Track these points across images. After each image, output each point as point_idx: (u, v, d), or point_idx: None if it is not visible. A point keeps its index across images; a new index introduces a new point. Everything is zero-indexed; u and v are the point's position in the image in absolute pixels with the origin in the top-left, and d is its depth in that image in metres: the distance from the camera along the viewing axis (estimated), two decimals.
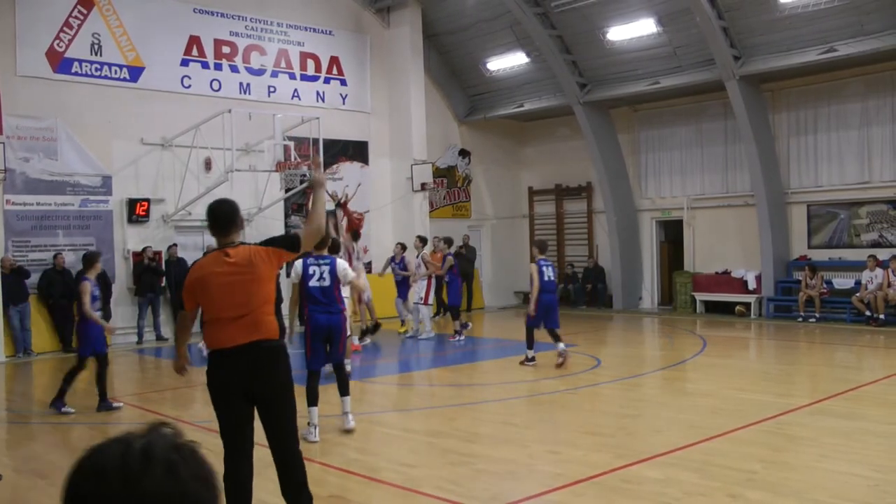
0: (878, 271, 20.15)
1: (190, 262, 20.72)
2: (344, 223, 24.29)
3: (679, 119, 25.27)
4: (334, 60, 24.66)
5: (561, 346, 14.24)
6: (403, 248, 20.82)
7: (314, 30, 24.22)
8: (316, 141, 21.02)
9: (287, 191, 22.02)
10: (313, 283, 9.98)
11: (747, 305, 23.07)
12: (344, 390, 10.04)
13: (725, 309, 23.41)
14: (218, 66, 22.19)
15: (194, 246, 21.19)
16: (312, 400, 9.57)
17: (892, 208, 21.42)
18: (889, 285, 19.89)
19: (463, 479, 7.99)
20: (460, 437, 9.59)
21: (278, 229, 22.87)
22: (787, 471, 8.11)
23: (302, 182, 21.51)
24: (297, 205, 23.47)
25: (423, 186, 24.93)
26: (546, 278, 14.52)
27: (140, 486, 1.58)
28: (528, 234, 29.39)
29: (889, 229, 21.44)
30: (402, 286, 20.64)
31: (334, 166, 23.80)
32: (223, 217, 6.21)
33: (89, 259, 12.06)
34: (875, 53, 20.00)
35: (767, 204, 22.39)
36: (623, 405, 11.07)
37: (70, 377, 11.59)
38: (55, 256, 18.80)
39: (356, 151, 24.95)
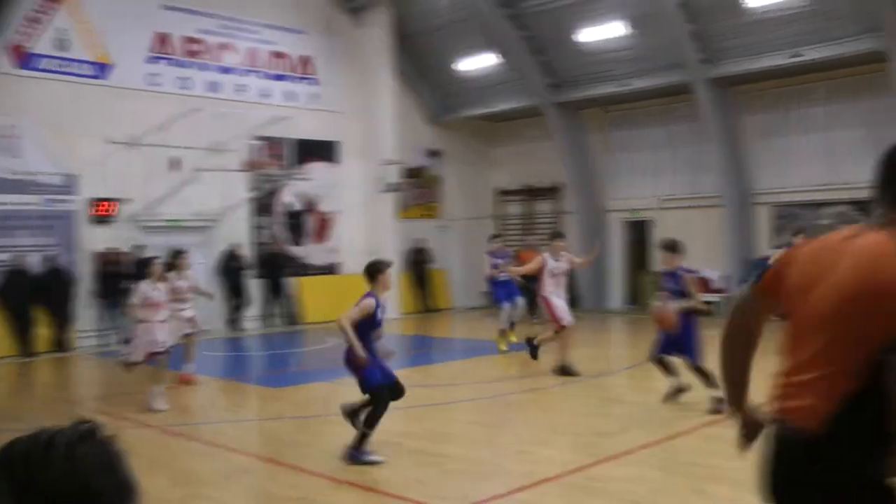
0: None
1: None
2: (314, 225, 24.28)
3: (650, 120, 25.37)
4: (305, 60, 24.52)
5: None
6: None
7: (285, 29, 24.05)
8: (286, 140, 20.91)
9: (255, 190, 21.93)
10: None
11: (713, 304, 23.18)
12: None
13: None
14: (187, 64, 21.91)
15: (161, 246, 20.75)
16: None
17: (854, 209, 21.62)
18: None
19: (431, 480, 7.96)
20: (429, 438, 9.56)
21: (246, 229, 22.76)
22: (752, 465, 8.13)
23: (271, 182, 21.44)
24: (265, 205, 23.28)
25: (393, 187, 24.85)
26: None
27: (38, 475, 1.59)
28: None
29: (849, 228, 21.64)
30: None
31: (304, 166, 23.62)
32: None
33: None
34: (840, 58, 20.24)
35: (733, 204, 22.62)
36: (591, 404, 11.07)
37: None
38: (18, 257, 18.36)
39: (326, 151, 24.80)
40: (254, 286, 22.48)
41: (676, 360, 10.86)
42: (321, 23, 24.95)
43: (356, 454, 8.31)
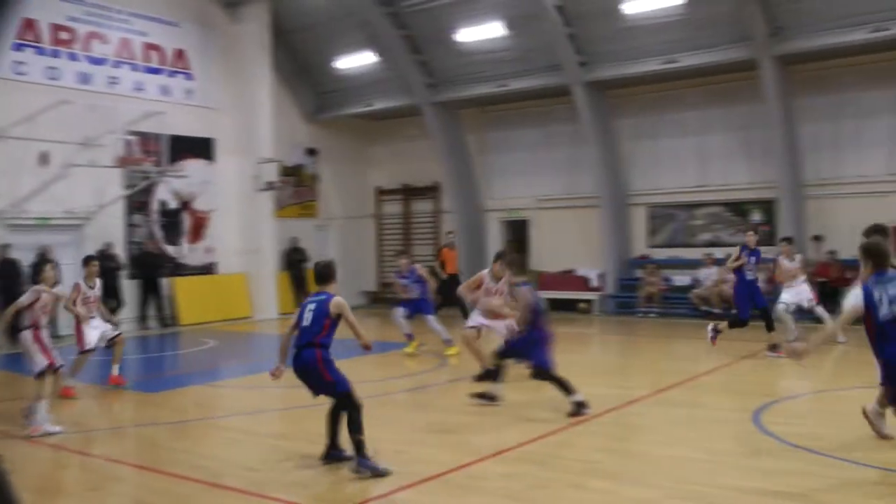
0: (714, 269, 21.32)
1: (25, 263, 19.76)
2: (188, 223, 23.82)
3: (526, 121, 25.70)
4: (180, 53, 24.02)
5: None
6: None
7: (159, 20, 23.48)
8: (160, 136, 20.44)
9: (129, 188, 21.39)
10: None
11: (590, 302, 23.65)
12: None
13: (569, 306, 23.91)
14: (55, 53, 21.10)
15: (29, 246, 19.76)
16: None
17: (726, 210, 22.39)
18: (724, 281, 20.82)
19: (309, 481, 7.90)
20: (307, 440, 9.47)
21: (119, 228, 22.20)
22: (629, 458, 8.36)
23: (145, 179, 20.92)
24: (139, 202, 22.74)
25: (270, 185, 24.58)
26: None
27: None
28: (374, 233, 29.40)
29: (724, 230, 22.49)
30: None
31: (179, 163, 23.11)
32: None
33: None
34: (713, 66, 21.04)
35: (610, 205, 23.10)
36: (469, 403, 11.13)
37: None
38: None
39: (201, 148, 24.36)
40: (128, 287, 21.92)
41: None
42: (196, 15, 24.48)
43: (365, 462, 7.95)
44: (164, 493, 7.69)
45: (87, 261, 12.39)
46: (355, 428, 8.10)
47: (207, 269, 24.43)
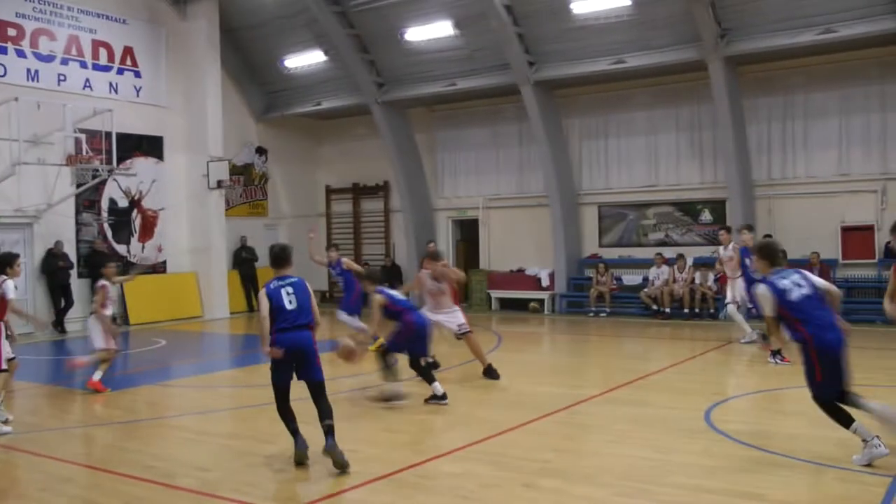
0: (665, 268, 21.52)
1: None
2: (139, 222, 23.65)
3: (475, 121, 25.76)
4: (128, 51, 23.79)
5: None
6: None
7: (107, 17, 23.25)
8: (109, 134, 20.25)
9: (78, 186, 21.18)
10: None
11: (541, 302, 23.77)
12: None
13: (520, 305, 24.03)
14: (3, 50, 20.88)
15: None
16: None
17: (677, 210, 22.59)
18: (674, 281, 21.10)
19: (261, 481, 7.89)
20: (257, 439, 9.47)
21: (70, 227, 21.99)
22: (579, 457, 8.43)
23: (94, 177, 20.73)
24: (88, 201, 22.54)
25: (220, 184, 24.45)
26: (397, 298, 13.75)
27: None
28: (325, 232, 29.34)
29: (674, 229, 22.65)
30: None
31: (128, 161, 22.83)
32: None
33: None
34: (661, 66, 21.20)
35: (560, 204, 23.18)
36: (419, 403, 11.16)
37: None
38: None
39: (151, 146, 24.19)
40: (77, 286, 21.71)
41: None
42: (144, 12, 24.27)
43: (336, 445, 8.09)
44: (116, 494, 7.63)
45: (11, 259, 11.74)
46: (330, 413, 8.26)
47: (157, 268, 24.22)
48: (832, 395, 7.80)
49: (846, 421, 7.75)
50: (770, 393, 11.44)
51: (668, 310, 21.14)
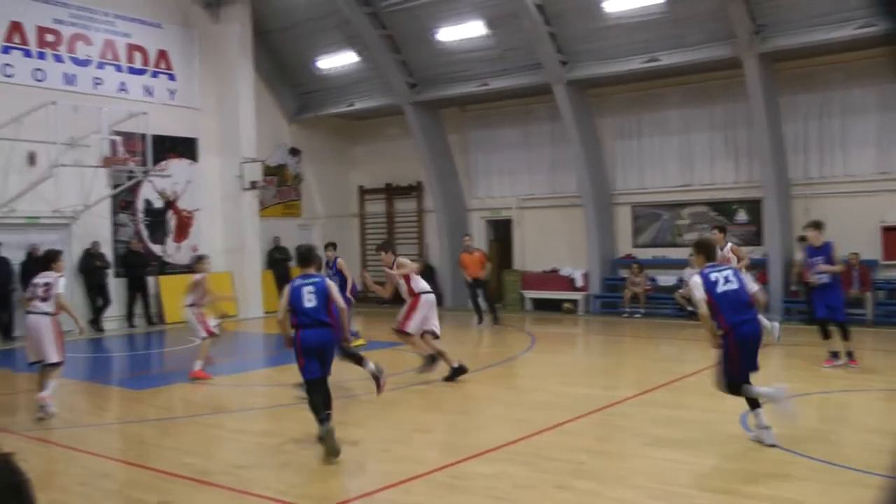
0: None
1: (15, 263, 19.83)
2: (174, 222, 23.83)
3: (507, 120, 25.71)
4: (162, 54, 24.02)
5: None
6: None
7: (141, 21, 23.50)
8: (144, 136, 20.42)
9: (115, 187, 21.39)
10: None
11: (575, 302, 23.67)
12: None
13: (553, 306, 23.95)
14: (41, 55, 21.19)
15: (18, 245, 20.19)
16: None
17: (712, 210, 22.37)
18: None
19: (295, 479, 7.92)
20: (292, 438, 9.50)
21: (106, 227, 22.23)
22: (613, 459, 8.37)
23: (130, 178, 20.89)
24: (124, 202, 22.76)
25: (253, 185, 24.60)
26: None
27: None
28: (358, 232, 29.40)
29: (709, 230, 22.28)
30: None
31: (163, 163, 23.14)
32: None
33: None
34: (694, 64, 20.95)
35: (594, 205, 23.06)
36: (453, 402, 11.16)
37: None
38: None
39: (185, 148, 24.40)
40: (114, 286, 21.99)
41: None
42: (178, 16, 24.48)
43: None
44: (153, 490, 7.70)
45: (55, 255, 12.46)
46: (330, 403, 8.81)
47: (192, 268, 24.34)
48: (740, 381, 8.71)
49: (752, 405, 8.75)
50: (808, 397, 11.30)
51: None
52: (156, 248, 23.60)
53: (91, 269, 21.21)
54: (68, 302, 11.59)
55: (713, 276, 8.94)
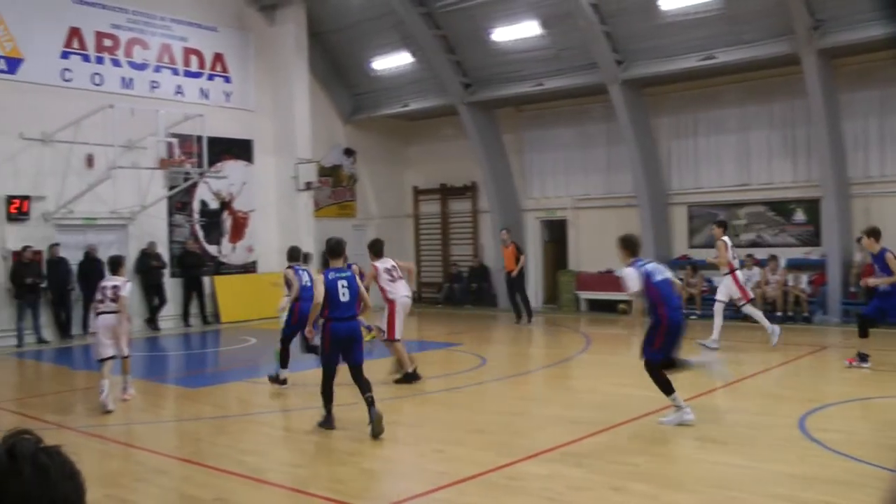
0: (756, 270, 20.90)
1: (73, 263, 20.18)
2: (229, 223, 24.07)
3: (563, 121, 25.58)
4: (218, 57, 24.25)
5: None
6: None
7: (197, 25, 23.76)
8: (199, 138, 20.63)
9: (171, 188, 21.64)
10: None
11: (630, 304, 23.43)
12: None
13: (608, 307, 23.78)
14: (99, 60, 21.52)
15: (76, 245, 20.57)
16: None
17: (769, 210, 22.08)
18: (766, 283, 20.59)
19: (349, 479, 7.94)
20: (346, 437, 9.53)
21: (162, 228, 22.50)
22: (669, 462, 8.29)
23: (186, 180, 21.12)
24: (180, 203, 23.02)
25: (308, 185, 24.73)
26: (303, 283, 13.85)
27: (10, 486, 1.57)
28: (413, 233, 29.44)
29: (766, 230, 22.12)
30: None
31: (219, 164, 23.39)
32: None
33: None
34: (752, 61, 20.62)
35: (649, 205, 22.86)
36: (508, 403, 11.14)
37: None
38: None
39: (240, 149, 24.60)
40: (170, 285, 22.25)
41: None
42: (233, 19, 24.71)
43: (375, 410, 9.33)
44: (208, 487, 7.76)
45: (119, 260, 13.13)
46: (370, 387, 9.55)
47: (247, 268, 24.62)
48: (661, 359, 9.49)
49: (668, 389, 9.50)
50: (868, 401, 11.10)
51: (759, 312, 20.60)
52: (211, 249, 23.84)
53: (147, 268, 21.48)
54: (127, 305, 12.14)
55: (647, 268, 9.89)
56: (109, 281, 12.21)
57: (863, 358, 13.14)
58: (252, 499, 7.52)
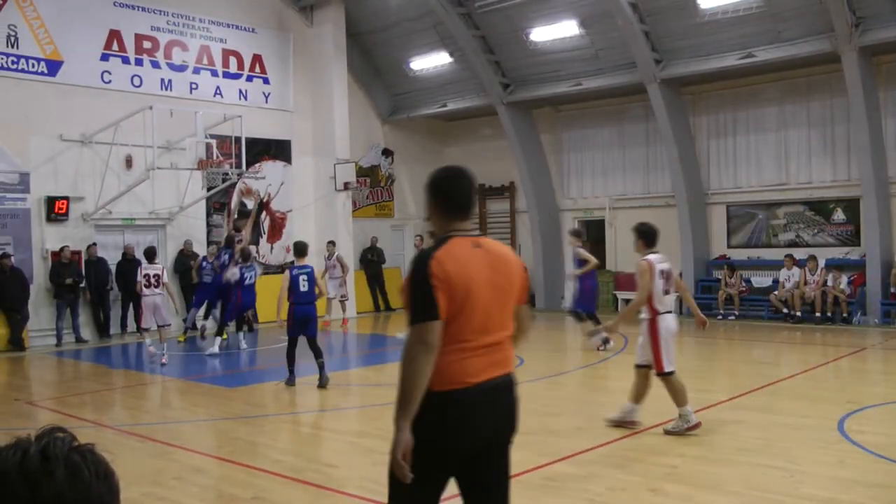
0: (795, 270, 20.69)
1: (111, 263, 20.41)
2: (267, 223, 24.21)
3: (601, 120, 25.52)
4: (257, 58, 24.38)
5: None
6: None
7: (236, 27, 23.91)
8: (238, 139, 20.76)
9: (209, 189, 21.77)
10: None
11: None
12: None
13: None
14: (139, 62, 21.71)
15: (115, 245, 20.84)
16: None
17: (808, 209, 21.89)
18: (805, 283, 20.37)
19: (385, 479, 7.94)
20: (383, 437, 9.53)
21: (200, 228, 22.64)
22: (706, 464, 8.24)
23: (224, 180, 21.25)
24: (218, 203, 23.17)
25: (346, 186, 24.79)
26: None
27: (43, 488, 1.58)
28: None
29: (805, 229, 21.91)
30: None
31: (257, 165, 23.53)
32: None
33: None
34: (792, 60, 20.46)
35: (688, 204, 22.73)
36: (545, 403, 11.12)
37: None
38: None
39: (279, 150, 24.71)
40: None
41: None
42: (272, 21, 24.82)
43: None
44: (246, 486, 7.82)
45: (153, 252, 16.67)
46: (321, 354, 13.20)
47: (285, 268, 24.67)
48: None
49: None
50: None
51: (798, 313, 20.32)
52: (250, 249, 23.92)
53: (185, 268, 21.59)
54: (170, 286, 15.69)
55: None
56: (150, 269, 15.81)
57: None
58: (289, 497, 7.57)
